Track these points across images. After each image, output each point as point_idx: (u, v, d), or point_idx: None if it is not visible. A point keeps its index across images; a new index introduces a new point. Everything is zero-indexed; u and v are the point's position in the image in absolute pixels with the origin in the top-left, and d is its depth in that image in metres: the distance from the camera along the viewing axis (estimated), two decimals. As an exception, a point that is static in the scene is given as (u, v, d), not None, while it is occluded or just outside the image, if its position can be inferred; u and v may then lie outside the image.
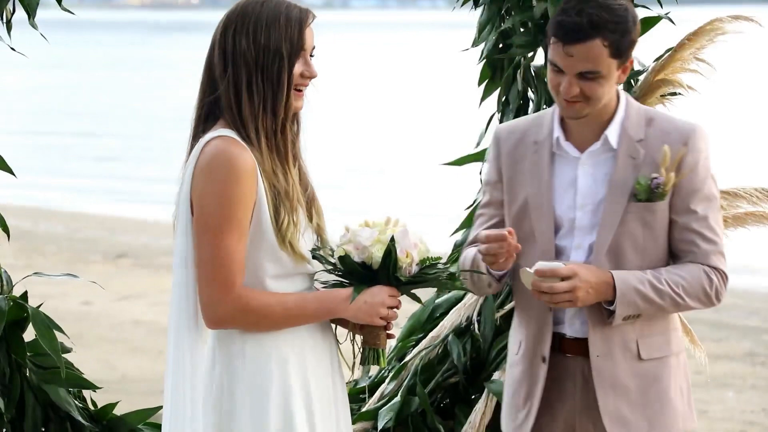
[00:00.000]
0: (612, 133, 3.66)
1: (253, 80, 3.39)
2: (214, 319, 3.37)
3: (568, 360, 3.71)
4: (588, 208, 3.65)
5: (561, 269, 3.56)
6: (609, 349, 3.65)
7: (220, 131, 3.39)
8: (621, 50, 3.58)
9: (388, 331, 3.54)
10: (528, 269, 3.58)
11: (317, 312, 3.43)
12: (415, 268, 3.47)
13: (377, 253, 3.43)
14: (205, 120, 3.45)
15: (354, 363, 3.63)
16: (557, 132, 3.71)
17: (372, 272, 3.46)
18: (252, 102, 3.38)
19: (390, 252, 3.43)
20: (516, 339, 3.82)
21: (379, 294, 3.43)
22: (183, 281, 3.39)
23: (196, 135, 3.45)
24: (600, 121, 3.66)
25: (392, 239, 3.42)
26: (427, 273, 3.49)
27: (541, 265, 3.57)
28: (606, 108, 3.65)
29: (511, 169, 3.78)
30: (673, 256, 3.69)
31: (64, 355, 4.34)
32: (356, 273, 3.46)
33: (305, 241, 3.44)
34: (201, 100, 3.46)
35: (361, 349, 3.54)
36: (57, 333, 4.32)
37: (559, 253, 3.68)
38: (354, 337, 3.57)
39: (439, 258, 3.54)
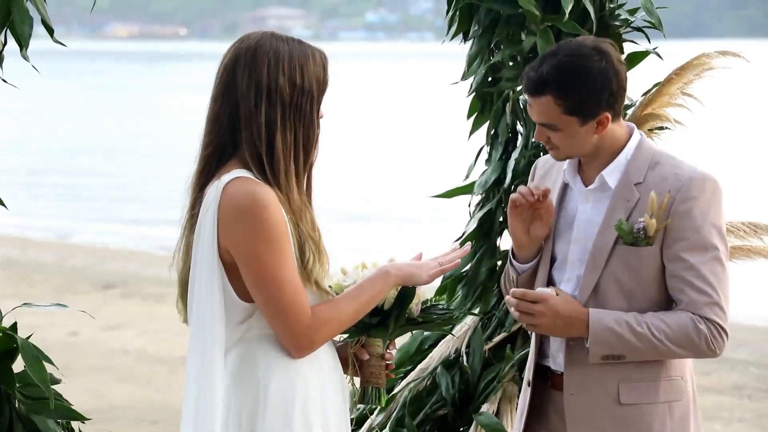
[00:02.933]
0: (611, 173, 3.65)
1: (287, 118, 3.36)
2: (305, 347, 3.38)
3: (551, 391, 3.73)
4: (580, 243, 3.67)
5: (529, 293, 3.59)
6: (587, 387, 3.63)
7: (237, 173, 3.36)
8: (576, 109, 3.55)
9: (387, 370, 3.57)
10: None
11: (374, 287, 3.45)
12: (418, 309, 3.53)
13: (390, 294, 3.47)
14: (219, 157, 3.40)
15: (354, 401, 3.64)
16: (569, 164, 3.73)
17: (383, 313, 3.50)
18: (285, 139, 3.35)
19: (406, 293, 3.48)
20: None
21: (420, 262, 3.51)
22: (209, 315, 3.37)
23: (209, 172, 3.40)
24: (606, 159, 3.66)
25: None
26: (432, 314, 3.55)
27: (538, 290, 3.64)
28: (612, 146, 3.64)
29: None
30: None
31: (52, 386, 4.33)
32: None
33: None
34: (212, 133, 3.41)
35: (360, 388, 3.56)
36: (46, 364, 4.31)
37: (551, 284, 3.71)
38: (352, 378, 3.59)
39: (441, 299, 3.61)
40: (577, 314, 3.56)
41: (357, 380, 3.60)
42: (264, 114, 3.35)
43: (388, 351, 3.57)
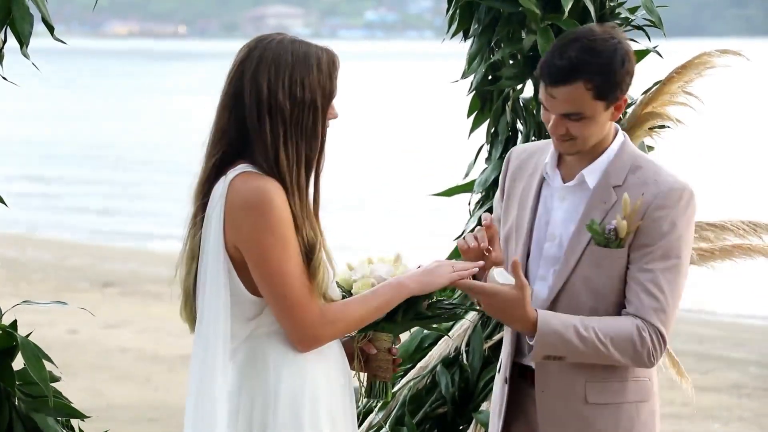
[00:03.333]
0: (591, 172, 3.63)
1: (289, 134, 3.35)
2: (309, 343, 3.39)
3: (528, 388, 3.72)
4: (556, 241, 3.66)
5: (476, 287, 3.51)
6: (556, 385, 3.64)
7: (244, 167, 3.36)
8: (606, 92, 3.54)
9: (394, 365, 3.57)
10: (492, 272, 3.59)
11: (385, 295, 3.46)
12: (425, 303, 3.54)
13: None
14: (227, 163, 3.39)
15: (360, 395, 3.65)
16: (549, 159, 3.71)
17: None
18: (288, 155, 3.35)
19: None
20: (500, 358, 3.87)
21: (436, 265, 3.51)
22: (214, 313, 3.37)
23: (215, 177, 3.40)
24: (589, 158, 3.64)
25: None
26: (439, 308, 3.56)
27: (495, 272, 3.57)
28: (597, 145, 3.63)
29: (510, 189, 3.81)
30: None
31: (52, 384, 4.33)
32: None
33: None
34: (221, 142, 3.40)
35: (367, 383, 3.57)
36: (45, 362, 4.31)
37: (527, 278, 3.68)
38: (358, 373, 3.59)
39: (448, 294, 3.61)
40: (523, 315, 3.52)
41: (363, 375, 3.61)
42: (268, 129, 3.35)
43: (394, 345, 3.58)
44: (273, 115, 3.35)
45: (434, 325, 3.74)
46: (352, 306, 3.43)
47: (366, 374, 3.61)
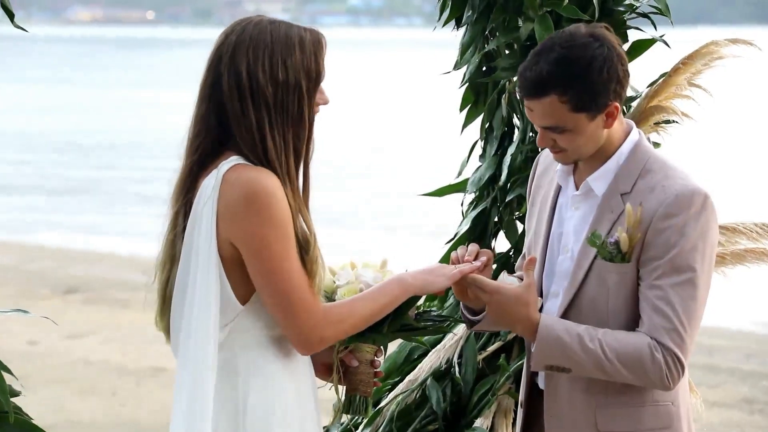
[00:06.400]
0: (598, 179, 3.59)
1: (274, 120, 3.35)
2: (313, 344, 3.39)
3: (542, 409, 3.71)
4: (568, 254, 3.63)
5: (479, 281, 3.52)
6: (564, 410, 3.61)
7: (236, 159, 3.35)
8: (584, 104, 3.47)
9: (376, 378, 3.58)
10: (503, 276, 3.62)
11: (392, 292, 3.48)
12: (412, 313, 3.55)
13: None
14: (211, 156, 3.39)
15: (339, 411, 3.65)
16: (561, 165, 3.66)
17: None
18: (275, 142, 3.35)
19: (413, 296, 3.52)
20: None
21: (435, 266, 3.54)
22: (205, 318, 3.37)
23: (197, 173, 3.39)
24: (597, 162, 3.59)
25: None
26: (426, 319, 3.58)
27: (503, 275, 3.61)
28: (604, 149, 3.58)
29: (534, 195, 3.80)
30: None
31: (12, 399, 4.33)
32: None
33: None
34: (201, 135, 3.40)
35: (346, 397, 3.57)
36: (4, 374, 4.30)
37: (540, 294, 3.67)
38: (336, 387, 3.60)
39: (433, 304, 3.63)
40: (526, 315, 3.50)
41: (341, 389, 3.61)
42: (252, 116, 3.35)
43: (376, 357, 3.58)
44: (255, 99, 3.34)
45: (421, 338, 3.76)
46: (357, 304, 3.44)
47: (345, 388, 3.62)
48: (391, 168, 26.91)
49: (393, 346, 5.19)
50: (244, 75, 3.35)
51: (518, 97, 5.12)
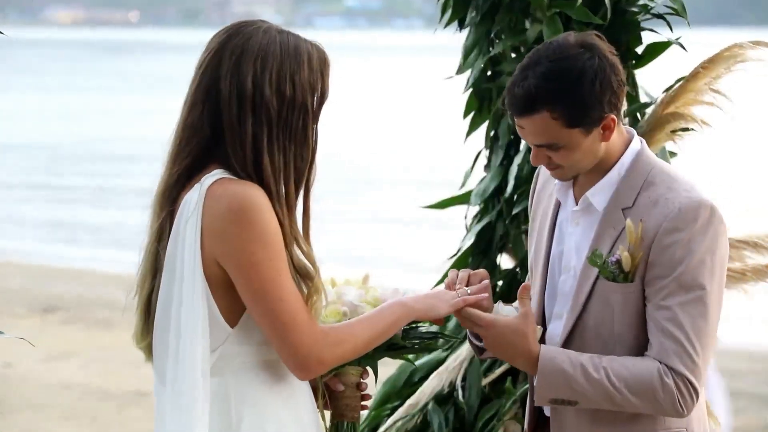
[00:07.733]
0: (597, 193, 3.57)
1: (275, 136, 3.33)
2: (311, 367, 3.36)
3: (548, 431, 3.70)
4: (571, 273, 3.61)
5: (473, 315, 3.51)
6: None
7: (220, 173, 3.33)
8: (577, 118, 3.46)
9: (363, 402, 3.58)
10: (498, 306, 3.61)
11: (393, 315, 3.48)
12: (399, 332, 3.55)
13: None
14: (198, 167, 3.36)
15: None
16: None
17: None
18: (273, 161, 3.33)
19: None
20: None
21: (439, 291, 3.56)
22: (192, 344, 3.35)
23: (183, 184, 3.37)
24: (597, 175, 3.58)
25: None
26: (414, 337, 3.58)
27: (499, 305, 3.60)
28: (603, 162, 3.56)
29: (535, 210, 3.79)
30: None
31: (-14, 425, 4.33)
32: None
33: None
34: (191, 144, 3.37)
35: (332, 424, 3.57)
36: (-22, 399, 4.31)
37: (542, 320, 3.66)
38: (322, 412, 3.59)
39: (424, 323, 3.62)
40: (525, 348, 3.50)
41: (327, 414, 3.61)
42: (249, 129, 3.33)
43: (362, 380, 3.58)
44: (257, 112, 3.33)
45: (407, 356, 3.76)
46: (357, 327, 3.43)
47: (331, 413, 3.61)
48: (390, 180, 26.94)
49: (392, 368, 5.20)
50: (249, 86, 3.32)
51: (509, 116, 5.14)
